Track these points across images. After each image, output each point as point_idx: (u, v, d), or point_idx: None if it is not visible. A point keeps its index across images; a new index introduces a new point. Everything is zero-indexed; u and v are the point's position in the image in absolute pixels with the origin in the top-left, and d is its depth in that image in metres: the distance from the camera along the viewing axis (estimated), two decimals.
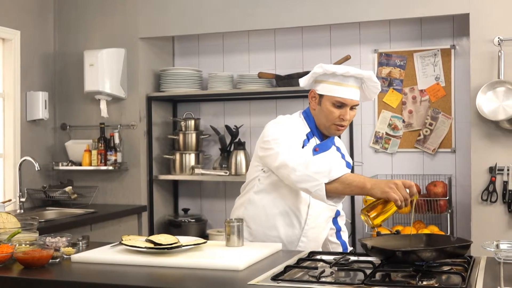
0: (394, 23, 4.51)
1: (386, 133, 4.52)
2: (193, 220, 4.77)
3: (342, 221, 2.91)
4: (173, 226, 4.72)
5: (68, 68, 4.84)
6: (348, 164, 2.78)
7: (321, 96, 2.63)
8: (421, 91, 4.46)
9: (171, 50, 5.09)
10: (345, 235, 2.91)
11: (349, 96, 2.59)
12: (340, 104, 2.58)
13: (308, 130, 2.68)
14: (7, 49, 4.46)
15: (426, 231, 4.08)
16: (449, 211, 4.11)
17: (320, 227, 2.71)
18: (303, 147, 2.61)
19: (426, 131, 4.42)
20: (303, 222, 2.65)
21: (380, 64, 4.54)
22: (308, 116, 2.71)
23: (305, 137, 2.64)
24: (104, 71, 4.54)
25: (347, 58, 4.34)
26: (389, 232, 2.50)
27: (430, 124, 4.41)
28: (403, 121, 4.49)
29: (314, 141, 2.67)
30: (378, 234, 2.42)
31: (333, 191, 2.36)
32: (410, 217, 4.31)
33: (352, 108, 2.62)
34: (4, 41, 4.46)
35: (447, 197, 4.10)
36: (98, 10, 4.79)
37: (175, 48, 5.11)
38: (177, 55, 5.11)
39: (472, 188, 3.93)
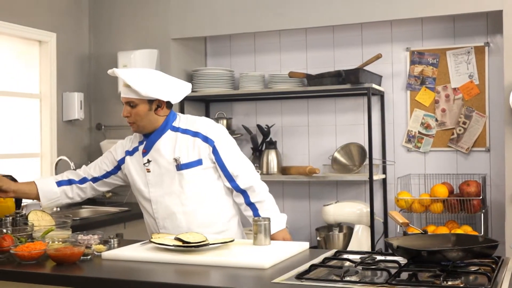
0: (427, 21, 4.46)
1: (419, 132, 4.48)
2: None
3: (252, 192, 2.86)
4: None
5: (102, 69, 4.93)
6: (204, 139, 2.82)
7: None
8: (454, 89, 4.41)
9: (203, 50, 5.14)
10: (262, 206, 2.86)
11: (122, 94, 2.80)
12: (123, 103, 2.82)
13: (141, 139, 2.91)
14: (43, 51, 4.57)
15: (459, 231, 4.03)
16: (483, 211, 4.06)
17: (170, 218, 2.85)
18: (132, 154, 2.91)
19: (460, 130, 4.37)
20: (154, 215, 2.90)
21: (412, 63, 4.50)
22: None
23: (131, 150, 2.92)
24: None
25: (378, 56, 4.32)
26: (417, 232, 2.48)
27: (464, 123, 4.36)
28: (436, 120, 4.44)
29: (143, 145, 2.88)
30: (405, 233, 2.41)
31: None
32: None
33: (130, 105, 2.78)
34: (40, 43, 4.57)
35: (481, 197, 4.04)
36: (131, 12, 4.87)
37: (207, 48, 5.16)
38: (209, 55, 5.16)
39: (507, 187, 3.87)
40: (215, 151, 2.82)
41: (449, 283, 1.91)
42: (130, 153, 2.93)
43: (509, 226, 3.85)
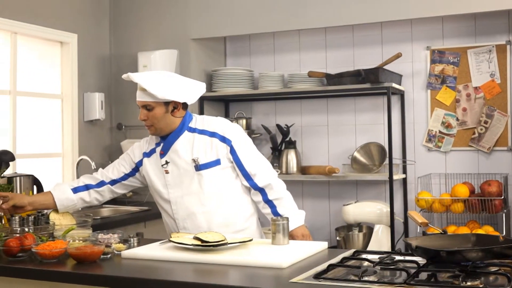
0: (447, 19, 4.43)
1: (440, 132, 4.45)
2: None
3: (270, 190, 2.88)
4: None
5: (123, 70, 4.96)
6: (222, 139, 2.83)
7: None
8: (476, 88, 4.37)
9: (223, 50, 5.16)
10: (280, 203, 2.88)
11: (137, 98, 2.82)
12: (140, 107, 2.82)
13: (158, 140, 2.93)
14: (65, 52, 4.62)
15: (480, 231, 3.99)
16: (505, 211, 4.01)
17: (190, 218, 2.86)
18: (149, 156, 2.93)
19: (481, 129, 4.33)
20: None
21: (433, 61, 4.47)
22: None
23: (148, 151, 2.94)
24: None
25: (397, 56, 4.29)
26: (437, 232, 2.47)
27: (485, 122, 4.32)
28: (457, 119, 4.41)
29: (161, 147, 2.90)
30: (424, 233, 2.40)
31: None
32: None
33: (147, 109, 2.79)
34: (62, 44, 4.62)
35: (502, 197, 4.00)
36: (151, 13, 4.90)
37: (227, 48, 5.17)
38: (229, 55, 5.17)
39: None
40: (232, 151, 2.83)
41: (468, 283, 1.89)
42: (147, 154, 2.95)
43: None
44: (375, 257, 2.30)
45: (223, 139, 2.83)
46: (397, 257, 2.30)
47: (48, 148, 4.53)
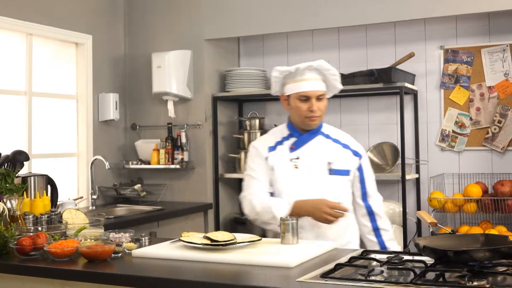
0: (461, 19, 4.41)
1: (453, 131, 4.43)
2: None
3: (380, 218, 2.88)
4: (239, 224, 4.80)
5: (137, 70, 5.02)
6: (355, 153, 2.87)
7: (289, 96, 2.82)
8: (489, 87, 4.35)
9: (236, 50, 5.18)
10: (386, 234, 2.87)
11: (310, 88, 2.75)
12: (305, 98, 2.75)
13: (286, 134, 2.88)
14: (80, 53, 4.68)
15: (493, 231, 3.97)
16: None
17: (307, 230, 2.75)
18: (275, 148, 2.84)
19: (495, 129, 4.31)
20: None
21: (446, 61, 4.45)
22: (289, 120, 2.91)
23: (273, 145, 2.86)
24: (171, 72, 4.67)
25: (410, 55, 4.29)
26: (446, 232, 2.47)
27: (499, 122, 4.29)
28: (471, 119, 4.39)
29: (291, 141, 2.85)
30: (433, 233, 2.40)
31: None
32: None
33: (319, 99, 2.76)
34: (77, 45, 4.67)
35: None
36: (165, 14, 4.94)
37: (240, 49, 5.20)
38: (242, 55, 5.19)
39: None
40: (360, 167, 2.87)
41: (475, 283, 1.89)
42: (272, 148, 2.86)
43: None
44: (383, 257, 2.31)
45: (356, 153, 2.87)
46: (406, 257, 2.30)
47: (63, 148, 4.59)
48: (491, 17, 4.33)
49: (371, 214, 2.88)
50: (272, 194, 2.84)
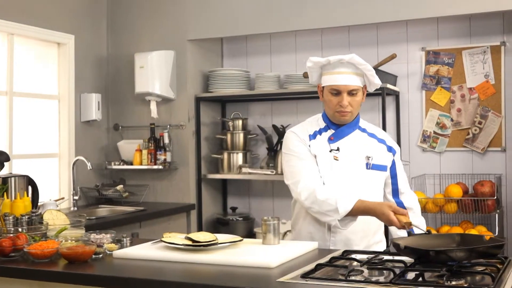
0: (442, 20, 4.45)
1: (434, 132, 4.47)
2: (241, 219, 4.84)
3: (413, 213, 2.79)
4: (221, 224, 4.81)
5: (120, 71, 5.00)
6: (389, 148, 2.80)
7: (323, 88, 2.75)
8: (470, 89, 4.39)
9: (219, 51, 5.18)
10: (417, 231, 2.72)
11: (341, 82, 2.67)
12: (336, 92, 2.68)
13: (323, 125, 2.79)
14: (62, 53, 4.65)
15: (473, 231, 4.01)
16: (498, 211, 4.03)
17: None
18: (315, 137, 2.75)
19: (475, 130, 4.35)
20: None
21: (428, 62, 4.49)
22: (324, 112, 2.82)
23: (312, 134, 2.77)
24: (154, 73, 4.66)
25: (392, 57, 4.31)
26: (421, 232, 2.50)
27: (480, 123, 4.33)
28: (452, 120, 4.43)
29: (329, 132, 2.77)
30: (410, 234, 2.42)
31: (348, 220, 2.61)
32: None
33: (351, 94, 2.67)
34: (59, 45, 4.64)
35: (495, 197, 4.02)
36: (148, 14, 4.93)
37: (224, 49, 5.20)
38: (226, 56, 5.20)
39: None
40: (393, 163, 2.81)
41: (453, 283, 1.91)
42: (312, 137, 2.78)
43: None
44: (363, 257, 2.33)
45: (390, 149, 2.81)
46: (386, 257, 2.32)
47: (45, 149, 4.56)
48: (472, 19, 4.38)
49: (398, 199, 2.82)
50: None
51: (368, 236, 2.76)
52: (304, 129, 2.80)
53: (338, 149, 2.73)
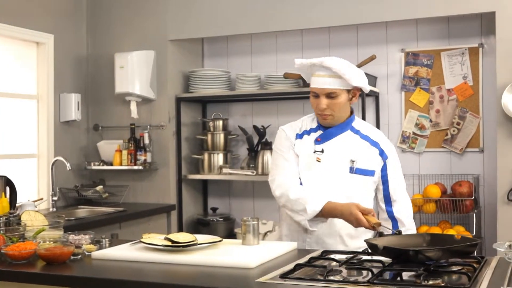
0: (421, 22, 4.49)
1: (413, 133, 4.51)
2: (222, 219, 4.84)
3: (402, 226, 2.71)
4: (202, 225, 4.80)
5: (99, 71, 4.97)
6: (381, 152, 2.73)
7: None
8: (449, 90, 4.43)
9: (200, 51, 5.18)
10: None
11: (317, 85, 2.67)
12: (315, 94, 2.68)
13: (315, 125, 2.78)
14: (41, 52, 4.61)
15: (451, 231, 4.05)
16: (475, 211, 4.08)
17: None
18: (302, 136, 2.76)
19: (454, 131, 4.39)
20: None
21: (407, 64, 4.53)
22: None
23: (300, 133, 2.78)
24: (134, 73, 4.64)
25: (372, 58, 4.34)
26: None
27: (458, 124, 4.38)
28: (430, 121, 4.47)
29: (318, 133, 2.76)
30: (381, 234, 2.44)
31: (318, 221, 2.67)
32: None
33: (330, 96, 2.64)
34: (38, 45, 4.60)
35: (473, 197, 4.06)
36: (128, 14, 4.90)
37: (204, 50, 5.19)
38: (206, 56, 5.19)
39: (498, 188, 3.89)
40: (384, 168, 2.73)
41: (430, 282, 1.93)
42: (299, 136, 2.77)
43: (501, 226, 3.87)
44: (342, 257, 2.34)
45: (382, 153, 2.72)
46: (364, 257, 2.33)
47: (23, 149, 4.52)
48: (451, 21, 4.42)
49: (393, 219, 2.73)
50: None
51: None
52: (295, 127, 2.81)
53: (322, 151, 2.71)
